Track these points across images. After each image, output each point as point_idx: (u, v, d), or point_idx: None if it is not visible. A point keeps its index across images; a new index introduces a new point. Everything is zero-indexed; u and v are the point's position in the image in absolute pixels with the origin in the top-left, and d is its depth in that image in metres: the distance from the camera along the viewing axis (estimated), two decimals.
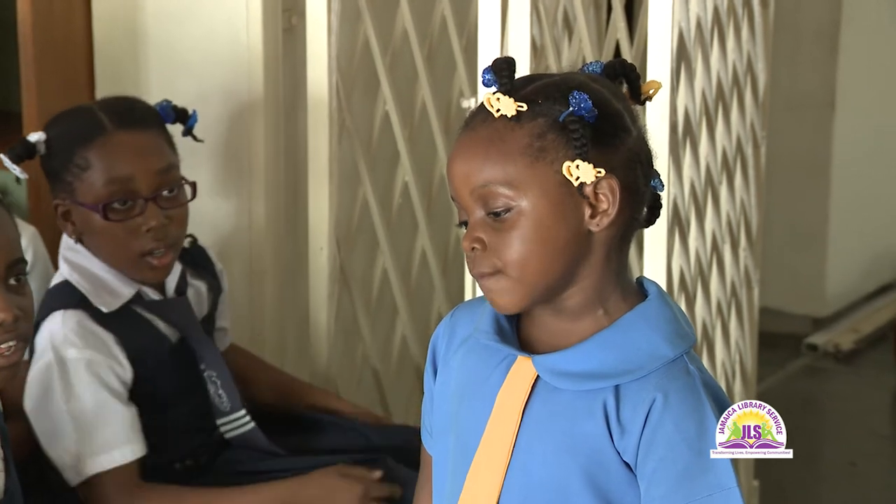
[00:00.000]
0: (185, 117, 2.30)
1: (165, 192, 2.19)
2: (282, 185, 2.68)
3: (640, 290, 1.56)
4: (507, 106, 1.47)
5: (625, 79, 1.55)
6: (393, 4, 2.77)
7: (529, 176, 1.47)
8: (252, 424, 2.27)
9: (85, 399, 2.12)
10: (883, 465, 3.89)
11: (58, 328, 2.14)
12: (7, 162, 2.19)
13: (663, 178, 1.63)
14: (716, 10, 2.62)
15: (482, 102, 1.50)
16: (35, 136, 2.21)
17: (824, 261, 4.70)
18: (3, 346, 1.70)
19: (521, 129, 1.48)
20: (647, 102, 1.57)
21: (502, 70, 1.49)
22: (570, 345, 1.52)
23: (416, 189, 2.84)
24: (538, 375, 1.52)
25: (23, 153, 2.20)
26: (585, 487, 1.50)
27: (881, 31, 4.83)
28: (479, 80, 2.27)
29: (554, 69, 2.29)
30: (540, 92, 1.49)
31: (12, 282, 1.73)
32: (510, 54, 2.22)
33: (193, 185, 2.24)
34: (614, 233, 1.51)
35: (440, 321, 3.00)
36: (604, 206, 1.48)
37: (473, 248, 1.50)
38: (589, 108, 1.46)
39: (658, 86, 1.57)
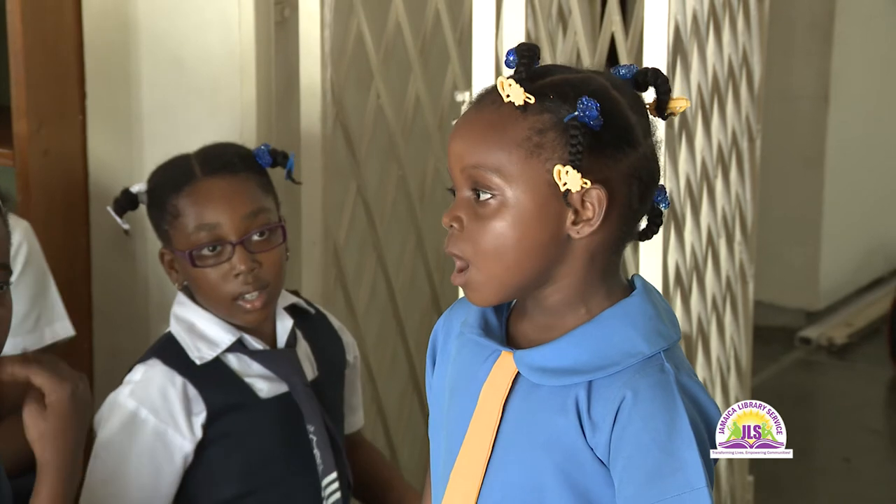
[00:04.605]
0: (283, 160, 2.28)
1: (255, 237, 2.18)
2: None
3: (629, 289, 1.55)
4: (516, 94, 1.46)
5: (655, 90, 1.53)
6: None
7: (521, 169, 1.46)
8: (338, 495, 2.23)
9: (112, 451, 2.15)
10: (876, 459, 3.89)
11: (138, 378, 2.17)
12: (112, 214, 2.24)
13: None
14: (711, 2, 2.60)
15: (495, 83, 1.48)
16: (137, 187, 2.26)
17: (818, 254, 4.69)
18: None
19: (524, 120, 1.46)
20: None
21: (522, 56, 1.47)
22: (550, 340, 1.51)
23: (410, 183, 2.82)
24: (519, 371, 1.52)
25: (126, 204, 2.25)
26: (561, 484, 1.49)
27: (875, 22, 4.82)
28: (474, 72, 2.27)
29: (549, 62, 2.27)
30: (554, 87, 1.47)
31: None
32: (504, 48, 2.21)
33: (283, 228, 2.22)
34: (598, 241, 1.49)
35: (433, 317, 3.00)
36: (588, 214, 1.47)
37: (452, 226, 1.49)
38: (594, 117, 1.44)
39: (686, 104, 1.54)
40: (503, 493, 1.52)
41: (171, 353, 2.18)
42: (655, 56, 2.24)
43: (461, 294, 2.37)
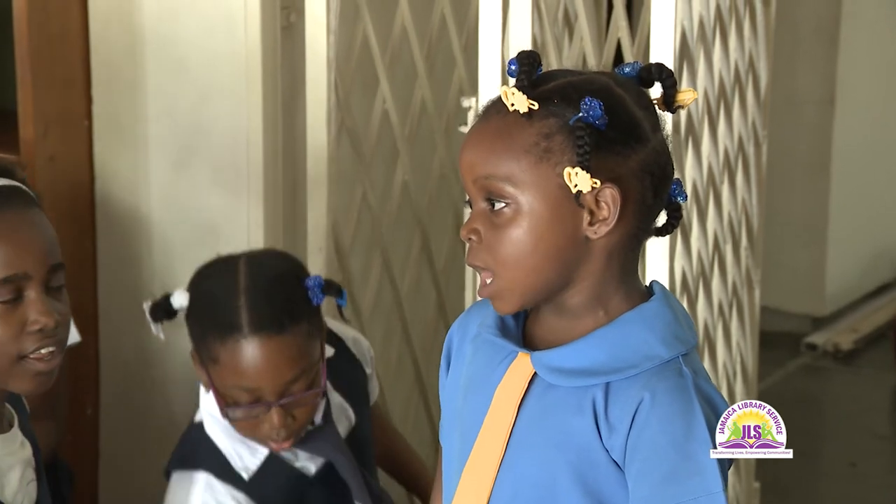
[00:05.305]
0: (337, 293, 2.15)
1: (294, 395, 2.07)
2: (280, 185, 2.66)
3: (648, 293, 1.55)
4: (520, 102, 1.46)
5: (660, 84, 1.53)
6: (392, 2, 2.75)
7: (531, 176, 1.46)
8: None
9: None
10: (882, 464, 3.88)
11: (198, 496, 2.09)
12: (149, 319, 2.14)
13: None
14: (718, 8, 2.60)
15: (500, 94, 1.49)
16: (179, 301, 2.13)
17: (824, 259, 4.68)
18: (43, 350, 1.71)
19: (530, 126, 1.47)
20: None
21: (522, 64, 1.48)
22: (568, 342, 1.51)
23: (416, 189, 2.82)
24: (536, 372, 1.52)
25: (164, 314, 2.14)
26: (574, 485, 1.49)
27: (881, 26, 4.81)
28: (480, 77, 2.27)
29: (556, 67, 2.27)
30: (557, 91, 1.48)
31: (52, 287, 1.73)
32: (511, 53, 2.20)
33: (323, 393, 2.11)
34: (616, 240, 1.49)
35: (439, 321, 2.99)
36: (603, 214, 1.47)
37: (470, 238, 1.50)
38: (598, 116, 1.44)
39: (694, 96, 1.55)
40: (515, 491, 1.51)
41: (218, 463, 2.10)
42: (662, 61, 2.23)
43: (467, 298, 2.37)
